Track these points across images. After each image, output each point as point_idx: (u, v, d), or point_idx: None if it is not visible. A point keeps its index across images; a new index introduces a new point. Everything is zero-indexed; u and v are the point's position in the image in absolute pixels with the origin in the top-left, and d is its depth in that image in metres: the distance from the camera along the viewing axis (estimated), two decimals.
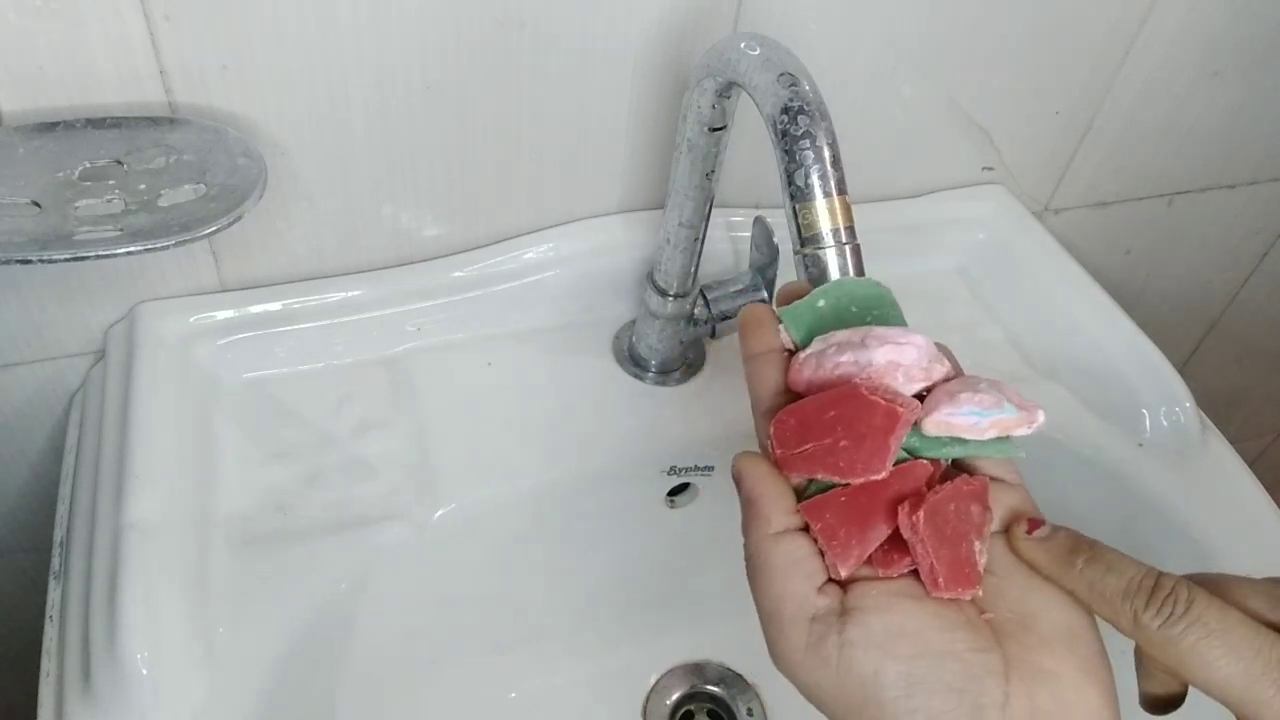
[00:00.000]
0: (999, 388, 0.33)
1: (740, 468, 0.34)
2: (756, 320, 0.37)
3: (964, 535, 0.31)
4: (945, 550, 0.31)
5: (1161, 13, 0.64)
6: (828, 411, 0.32)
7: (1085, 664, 0.30)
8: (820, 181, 0.37)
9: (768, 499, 0.32)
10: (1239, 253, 0.87)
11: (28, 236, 0.42)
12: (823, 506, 0.32)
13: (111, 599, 0.44)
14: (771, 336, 0.36)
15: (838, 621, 0.30)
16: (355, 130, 0.52)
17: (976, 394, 0.32)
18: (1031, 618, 0.31)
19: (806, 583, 0.31)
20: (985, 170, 0.70)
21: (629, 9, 0.52)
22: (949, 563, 0.31)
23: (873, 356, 0.32)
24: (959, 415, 0.32)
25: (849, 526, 0.31)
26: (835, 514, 0.31)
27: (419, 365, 0.58)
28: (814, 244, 0.37)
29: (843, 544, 0.31)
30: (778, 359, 0.36)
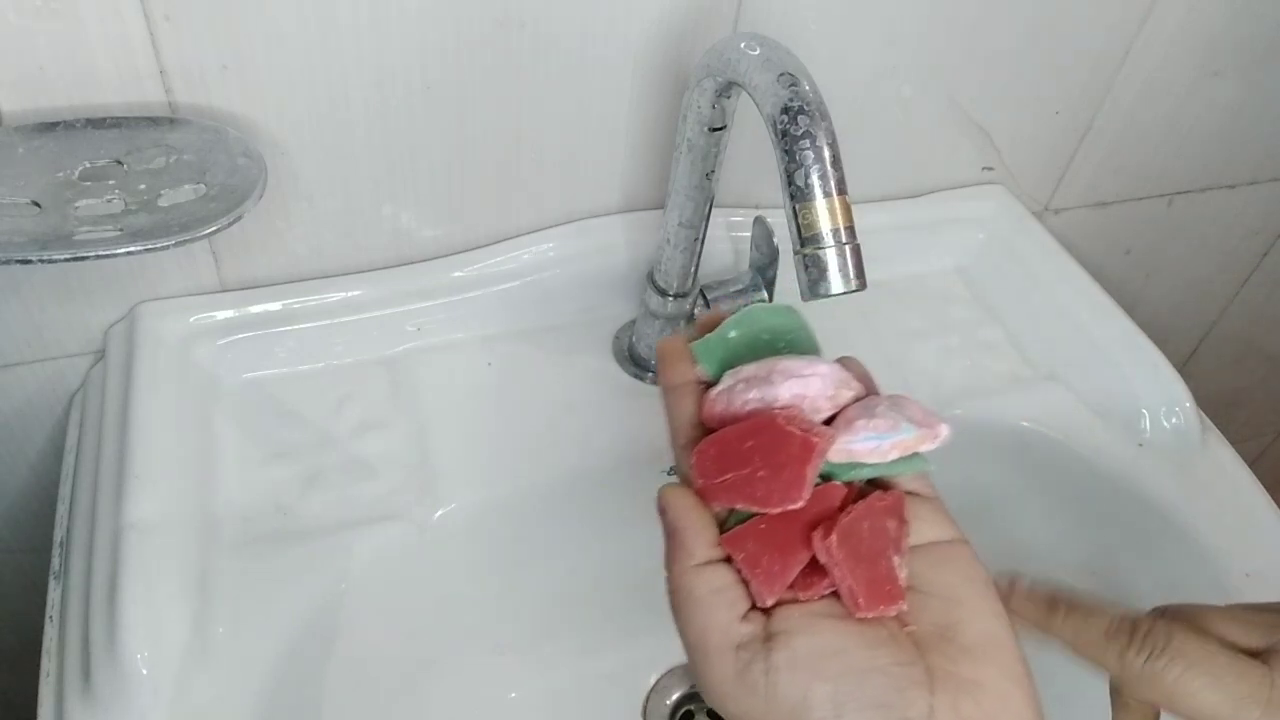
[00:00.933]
0: (899, 406, 0.33)
1: (665, 499, 0.34)
2: (671, 353, 0.38)
3: (881, 552, 0.32)
4: (863, 570, 0.31)
5: (1161, 13, 0.64)
6: (746, 442, 0.32)
7: (1007, 671, 0.30)
8: (820, 181, 0.37)
9: (690, 531, 0.33)
10: (1239, 253, 0.87)
11: (28, 236, 0.42)
12: (744, 537, 0.32)
13: (111, 599, 0.44)
14: (686, 369, 0.37)
15: (763, 648, 0.30)
16: (355, 130, 0.52)
17: (873, 419, 0.33)
18: (953, 629, 0.31)
19: (730, 612, 0.31)
20: (985, 170, 0.70)
21: (629, 9, 0.52)
22: (867, 582, 0.31)
23: (778, 392, 0.33)
24: (858, 442, 0.32)
25: (770, 554, 0.31)
26: (756, 543, 0.32)
27: (419, 365, 0.58)
28: (814, 244, 0.37)
29: (765, 572, 0.31)
30: (693, 390, 0.37)
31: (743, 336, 0.36)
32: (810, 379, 0.33)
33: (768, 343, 0.36)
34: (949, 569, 0.33)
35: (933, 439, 0.33)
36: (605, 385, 0.59)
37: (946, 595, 0.32)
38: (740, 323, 0.36)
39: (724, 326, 0.36)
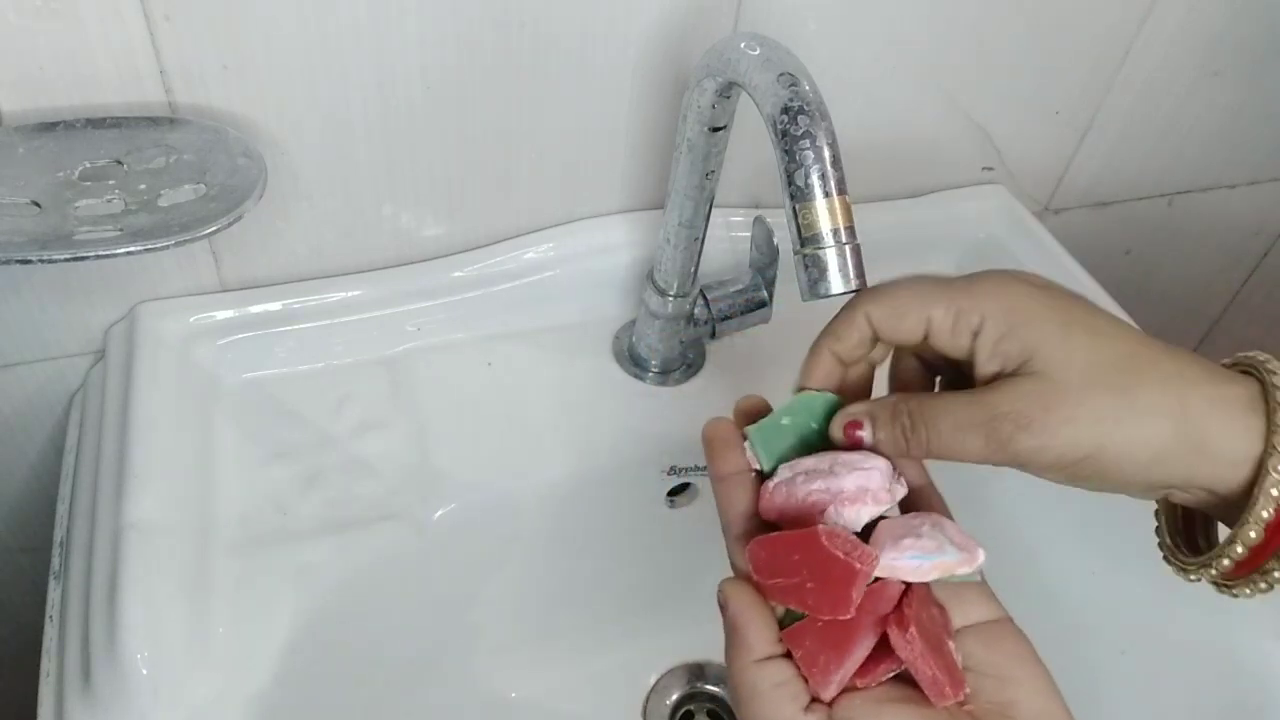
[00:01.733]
0: (941, 528, 0.34)
1: (726, 594, 0.35)
2: (721, 440, 0.38)
3: (942, 639, 0.33)
4: (939, 658, 0.32)
5: (1161, 13, 0.64)
6: (793, 554, 0.33)
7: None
8: (820, 181, 0.37)
9: (752, 627, 0.33)
10: (1239, 253, 0.87)
11: (28, 236, 0.42)
12: (802, 633, 0.33)
13: (111, 599, 0.44)
14: (738, 457, 0.37)
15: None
16: (355, 130, 0.52)
17: (919, 540, 0.33)
18: (1010, 706, 0.32)
19: (792, 705, 0.32)
20: (985, 170, 0.70)
21: (629, 9, 0.52)
22: (946, 670, 0.32)
23: (843, 484, 0.34)
24: (902, 560, 0.33)
25: (828, 652, 0.32)
26: (814, 640, 0.33)
27: (419, 365, 0.58)
28: (814, 244, 0.37)
29: (823, 669, 0.32)
30: (745, 481, 0.37)
31: (794, 424, 0.37)
32: (871, 472, 0.35)
33: (816, 431, 0.37)
34: (999, 648, 0.34)
35: (970, 563, 0.34)
36: (605, 385, 0.59)
37: (1000, 674, 0.33)
38: (793, 410, 0.37)
39: (777, 413, 0.37)
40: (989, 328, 0.34)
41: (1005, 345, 0.34)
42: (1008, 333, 0.34)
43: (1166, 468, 0.33)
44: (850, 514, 0.34)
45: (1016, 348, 0.34)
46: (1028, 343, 0.34)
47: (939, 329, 0.35)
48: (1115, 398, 0.33)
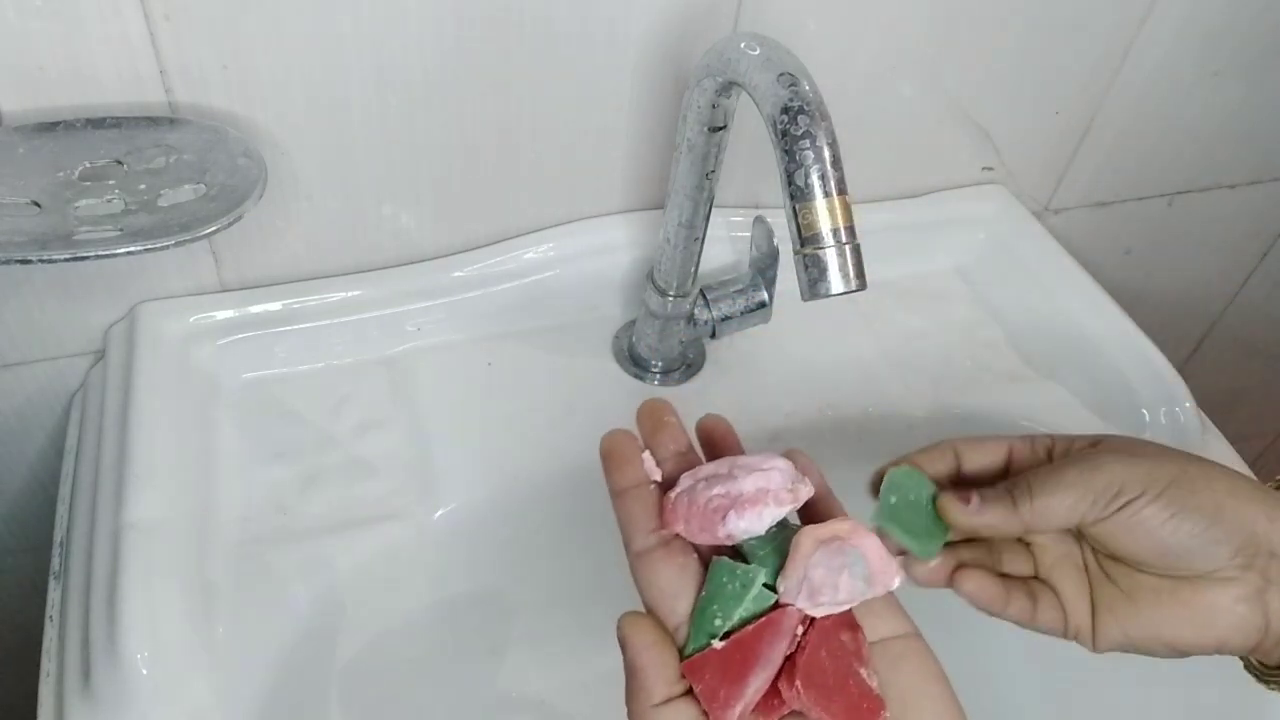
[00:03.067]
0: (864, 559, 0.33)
1: (624, 632, 0.34)
2: (620, 453, 0.36)
3: (847, 671, 0.32)
4: (836, 701, 0.31)
5: (1161, 13, 0.64)
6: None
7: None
8: (820, 181, 0.37)
9: (651, 669, 0.32)
10: (1239, 253, 0.87)
11: (28, 236, 0.42)
12: (702, 666, 0.32)
13: (111, 599, 0.44)
14: (636, 469, 0.36)
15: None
16: (355, 130, 0.52)
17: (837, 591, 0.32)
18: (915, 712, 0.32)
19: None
20: (985, 170, 0.70)
21: (629, 9, 0.52)
22: (845, 712, 0.31)
23: (742, 487, 0.34)
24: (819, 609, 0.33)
25: (728, 685, 0.31)
26: (713, 673, 0.32)
27: (419, 365, 0.58)
28: (814, 244, 0.37)
29: (722, 703, 0.31)
30: (646, 494, 0.36)
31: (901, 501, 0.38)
32: (770, 472, 0.34)
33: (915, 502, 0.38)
34: (903, 668, 0.33)
35: (884, 589, 0.33)
36: (605, 385, 0.59)
37: (902, 698, 0.32)
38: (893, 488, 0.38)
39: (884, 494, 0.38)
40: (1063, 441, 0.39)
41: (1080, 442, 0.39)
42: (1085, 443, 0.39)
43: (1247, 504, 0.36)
44: (751, 517, 0.33)
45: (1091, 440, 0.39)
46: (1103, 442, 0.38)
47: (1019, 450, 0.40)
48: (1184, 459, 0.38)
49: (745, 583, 0.33)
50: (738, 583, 0.33)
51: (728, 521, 0.33)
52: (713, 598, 0.33)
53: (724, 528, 0.33)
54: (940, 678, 0.33)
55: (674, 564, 0.34)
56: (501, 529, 0.55)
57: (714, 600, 0.33)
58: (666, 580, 0.34)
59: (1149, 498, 0.35)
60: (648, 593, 0.34)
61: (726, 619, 0.32)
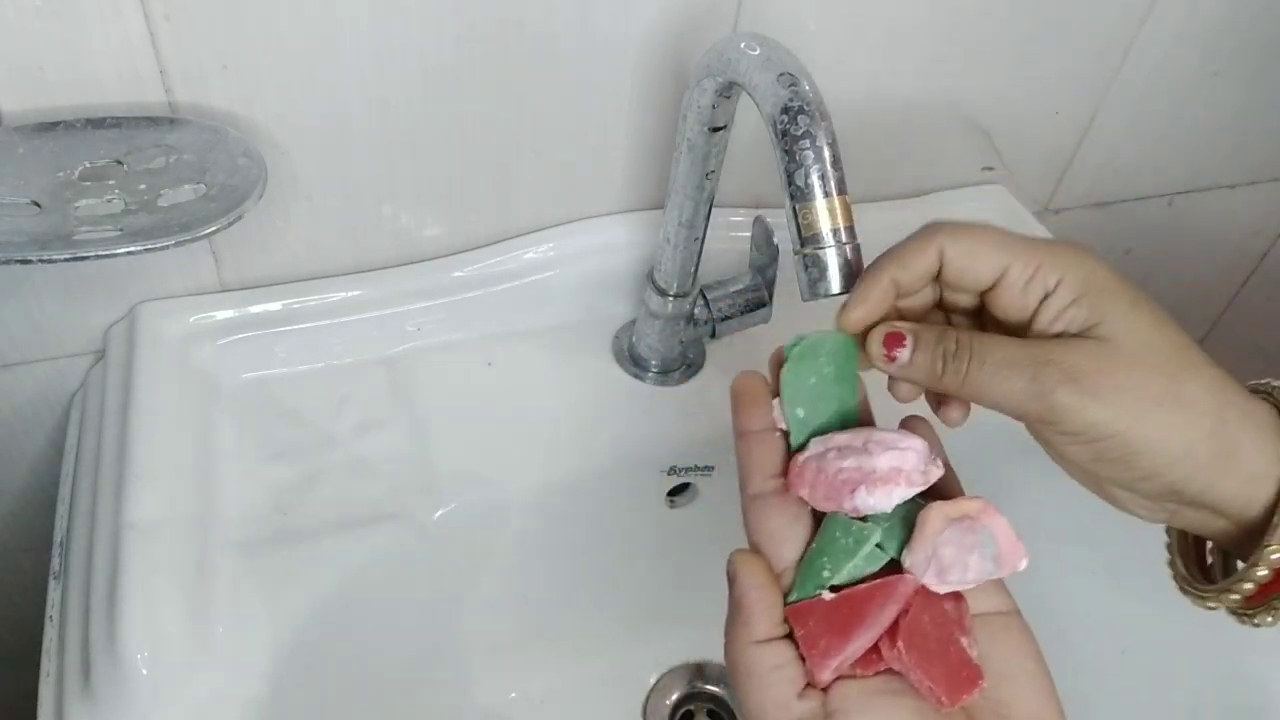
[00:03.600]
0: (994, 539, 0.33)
1: (735, 566, 0.34)
2: (750, 396, 0.36)
3: (949, 639, 0.32)
4: (936, 666, 0.31)
5: (1161, 13, 0.64)
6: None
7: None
8: (820, 181, 0.37)
9: (758, 608, 0.33)
10: (1239, 253, 0.87)
11: (28, 236, 0.42)
12: (807, 613, 0.33)
13: (111, 599, 0.44)
14: (764, 414, 0.36)
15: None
16: (355, 130, 0.52)
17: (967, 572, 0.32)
18: (1005, 705, 0.32)
19: (788, 688, 0.32)
20: (985, 170, 0.70)
21: (629, 9, 0.52)
22: (944, 677, 0.31)
23: (876, 463, 0.33)
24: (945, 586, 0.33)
25: (829, 636, 0.32)
26: (818, 622, 0.32)
27: (419, 365, 0.58)
28: (814, 244, 0.37)
29: (822, 653, 0.32)
30: (771, 439, 0.36)
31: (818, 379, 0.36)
32: (907, 452, 0.34)
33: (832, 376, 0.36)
34: (1002, 642, 0.33)
35: (1012, 570, 0.33)
36: (605, 385, 0.59)
37: (1000, 671, 0.32)
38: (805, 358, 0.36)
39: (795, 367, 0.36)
40: (1062, 290, 0.34)
41: (1074, 310, 0.34)
42: (1080, 298, 0.34)
43: (1190, 467, 0.33)
44: (881, 495, 0.33)
45: (1084, 313, 0.34)
46: (1097, 310, 0.34)
47: (1011, 280, 0.34)
48: (1166, 381, 0.33)
49: (859, 539, 0.33)
50: (851, 539, 0.33)
51: (856, 496, 0.33)
52: (823, 550, 0.33)
53: (851, 501, 0.33)
54: (1038, 657, 0.33)
55: (787, 512, 0.34)
56: (501, 529, 0.55)
57: (824, 553, 0.33)
58: (777, 525, 0.34)
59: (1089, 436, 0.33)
60: (756, 535, 0.35)
61: (835, 572, 0.33)
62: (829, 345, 0.36)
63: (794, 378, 0.36)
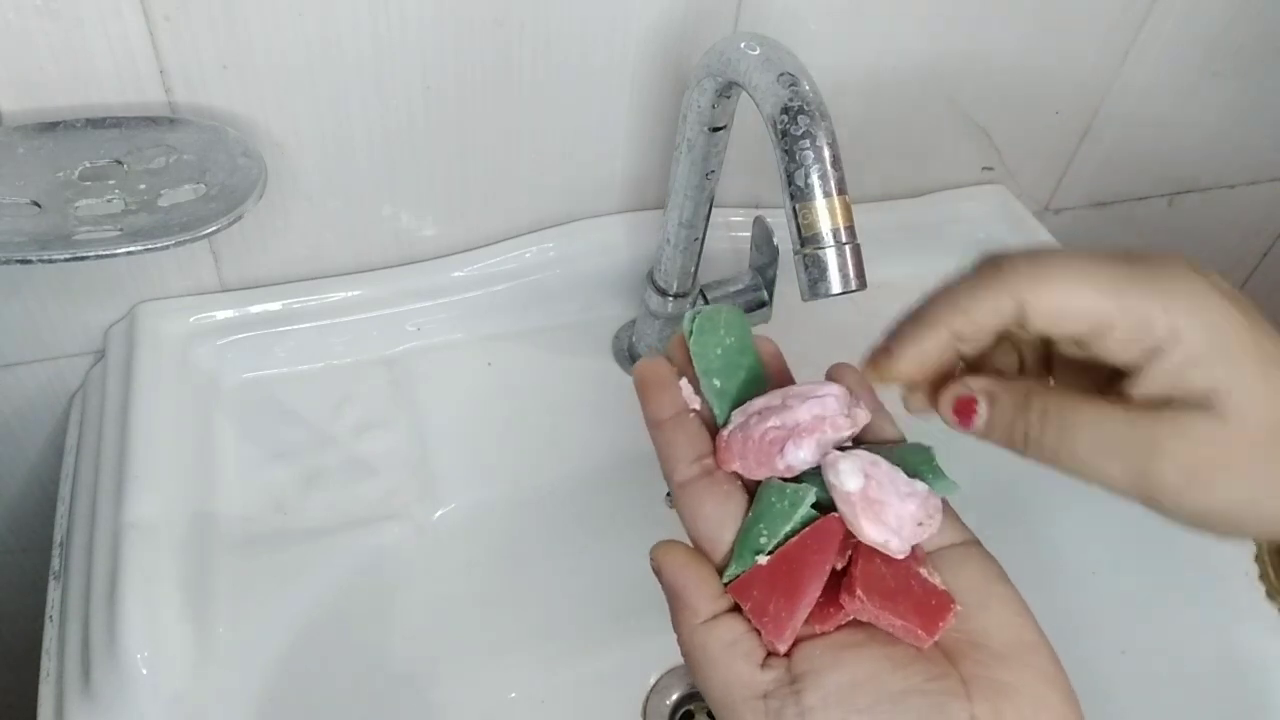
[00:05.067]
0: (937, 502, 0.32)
1: (658, 559, 0.33)
2: (657, 382, 0.35)
3: (907, 573, 0.31)
4: (902, 604, 0.30)
5: (1161, 13, 0.64)
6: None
7: (1042, 673, 0.30)
8: (820, 181, 0.37)
9: (690, 587, 0.32)
10: (1239, 253, 0.87)
11: (28, 236, 0.42)
12: (749, 584, 0.31)
13: (111, 599, 0.44)
14: (675, 397, 0.35)
15: (790, 691, 0.29)
16: (355, 130, 0.52)
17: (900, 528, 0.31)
18: (981, 634, 0.30)
19: (747, 662, 0.30)
20: (985, 170, 0.70)
21: (629, 9, 0.52)
22: (915, 612, 0.30)
23: (797, 416, 0.33)
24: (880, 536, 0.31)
25: (777, 599, 0.30)
26: (761, 588, 0.31)
27: (419, 365, 0.58)
28: (814, 244, 0.37)
29: (774, 618, 0.30)
30: (687, 422, 0.35)
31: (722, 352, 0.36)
32: (825, 399, 0.33)
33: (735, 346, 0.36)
34: (965, 572, 0.32)
35: None
36: (605, 385, 0.59)
37: (968, 600, 0.31)
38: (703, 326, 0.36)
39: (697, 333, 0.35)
40: (1179, 351, 0.29)
41: (1192, 375, 0.29)
42: (1200, 359, 0.29)
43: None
44: (809, 446, 0.32)
45: (1203, 380, 0.29)
46: (1220, 376, 0.28)
47: (1109, 334, 0.30)
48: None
49: (794, 501, 0.32)
50: (786, 501, 0.32)
51: (785, 453, 0.32)
52: (759, 517, 0.32)
53: (782, 459, 0.32)
54: (1004, 578, 0.32)
55: (719, 492, 0.33)
56: (501, 529, 0.55)
57: (760, 519, 0.32)
58: (712, 509, 0.33)
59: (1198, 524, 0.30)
60: (692, 524, 0.33)
61: (773, 536, 0.31)
62: (724, 317, 0.36)
63: (701, 349, 0.35)
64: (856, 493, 0.31)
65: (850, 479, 0.31)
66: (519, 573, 0.58)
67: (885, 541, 0.31)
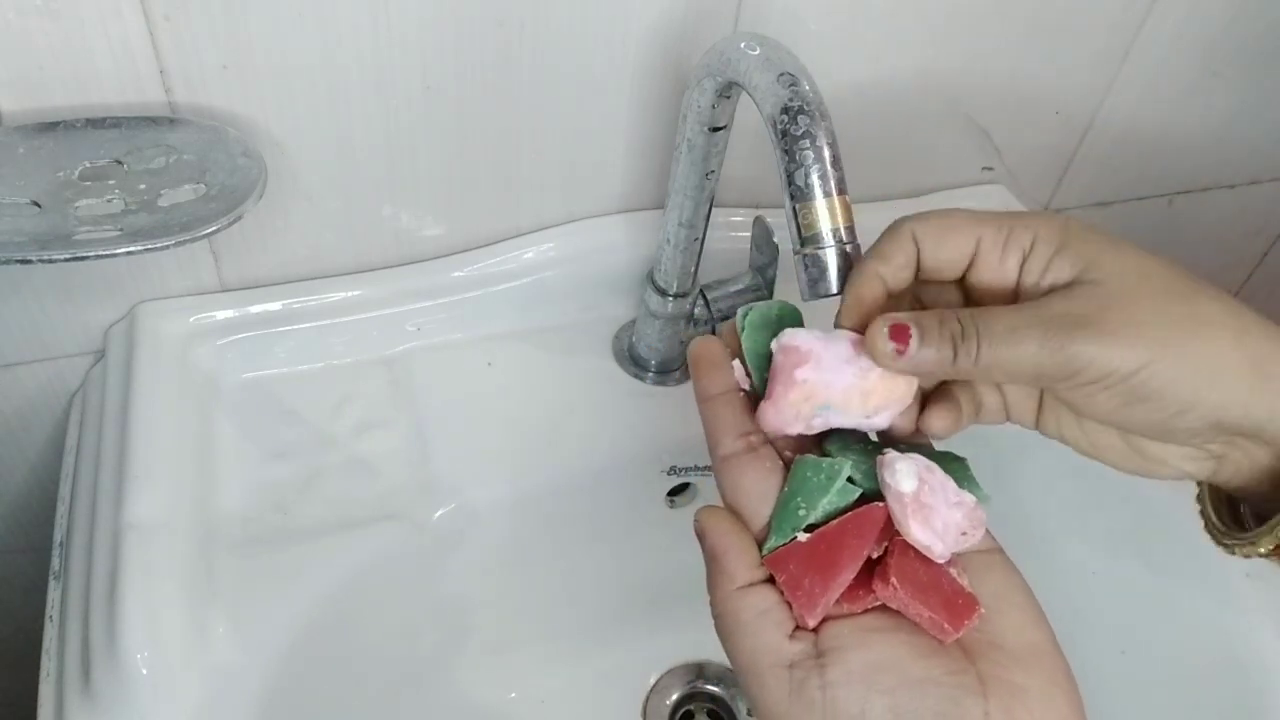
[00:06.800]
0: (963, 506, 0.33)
1: (702, 523, 0.34)
2: (710, 360, 0.36)
3: (940, 571, 0.32)
4: (933, 597, 0.31)
5: (1161, 13, 0.64)
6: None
7: (1052, 676, 0.31)
8: (820, 181, 0.37)
9: (731, 554, 0.33)
10: (1239, 253, 0.87)
11: (28, 236, 0.42)
12: (786, 558, 0.32)
13: (111, 599, 0.44)
14: (726, 376, 0.36)
15: (816, 665, 0.31)
16: (355, 130, 0.52)
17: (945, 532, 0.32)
18: (999, 635, 0.32)
19: (777, 632, 0.31)
20: (985, 170, 0.70)
21: (629, 9, 0.52)
22: (943, 607, 0.31)
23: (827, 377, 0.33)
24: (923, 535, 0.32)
25: (812, 575, 0.31)
26: (798, 564, 0.32)
27: (419, 365, 0.58)
28: (814, 244, 0.37)
29: (807, 594, 0.31)
30: (734, 400, 0.36)
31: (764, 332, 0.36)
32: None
33: None
34: (989, 578, 0.33)
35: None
36: (605, 385, 0.59)
37: (990, 604, 0.32)
38: (757, 327, 0.36)
39: (750, 328, 0.36)
40: (1040, 247, 0.33)
41: (1058, 262, 0.33)
42: (1060, 249, 0.33)
43: (1225, 390, 0.31)
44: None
45: (1069, 262, 0.33)
46: (1080, 256, 0.33)
47: (987, 250, 0.34)
48: (1177, 304, 0.32)
49: (830, 475, 0.33)
50: (822, 475, 0.33)
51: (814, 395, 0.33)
52: (796, 491, 0.33)
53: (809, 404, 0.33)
54: (1025, 589, 0.33)
55: (760, 467, 0.34)
56: (501, 529, 0.55)
57: (797, 493, 0.33)
58: (751, 482, 0.34)
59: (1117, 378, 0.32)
60: (731, 495, 0.34)
61: (810, 509, 0.32)
62: (776, 312, 0.36)
63: (752, 344, 0.36)
64: (910, 494, 0.32)
65: (906, 480, 0.32)
66: (519, 573, 0.58)
67: (930, 545, 0.32)
